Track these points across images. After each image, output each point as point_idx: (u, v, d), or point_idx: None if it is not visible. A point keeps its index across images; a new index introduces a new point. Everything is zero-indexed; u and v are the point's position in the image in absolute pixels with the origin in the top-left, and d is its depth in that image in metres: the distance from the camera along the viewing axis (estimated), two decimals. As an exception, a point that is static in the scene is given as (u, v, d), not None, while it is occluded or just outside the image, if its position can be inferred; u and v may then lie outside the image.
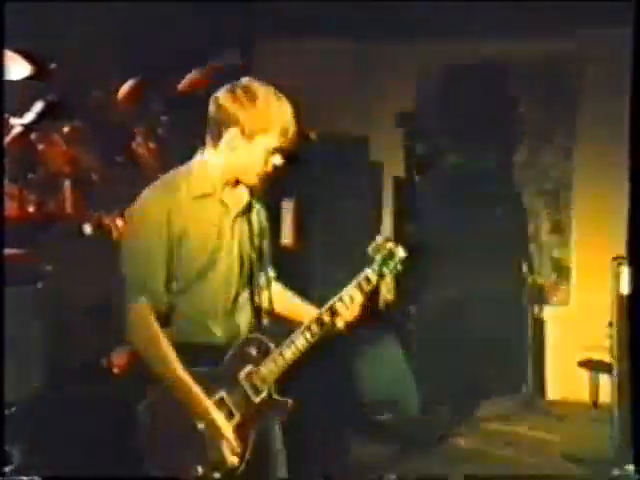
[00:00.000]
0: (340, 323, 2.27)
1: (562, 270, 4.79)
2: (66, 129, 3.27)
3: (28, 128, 3.12)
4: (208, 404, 2.17)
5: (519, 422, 4.27)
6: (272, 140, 2.21)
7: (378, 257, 2.30)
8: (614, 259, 3.93)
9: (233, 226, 2.31)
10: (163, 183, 2.30)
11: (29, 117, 3.11)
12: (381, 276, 2.29)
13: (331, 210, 4.66)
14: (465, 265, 4.47)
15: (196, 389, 2.17)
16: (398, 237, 4.79)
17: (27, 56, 3.10)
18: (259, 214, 2.39)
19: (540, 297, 4.77)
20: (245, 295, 2.34)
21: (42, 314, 2.97)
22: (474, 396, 4.40)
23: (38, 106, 3.09)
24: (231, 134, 2.21)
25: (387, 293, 2.32)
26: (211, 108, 2.24)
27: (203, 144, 2.36)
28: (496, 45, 4.57)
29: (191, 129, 3.37)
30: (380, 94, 4.83)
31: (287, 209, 4.83)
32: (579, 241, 4.72)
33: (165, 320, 2.23)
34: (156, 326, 2.18)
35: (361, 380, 4.10)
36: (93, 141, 3.38)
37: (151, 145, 3.43)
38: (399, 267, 2.32)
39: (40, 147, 3.18)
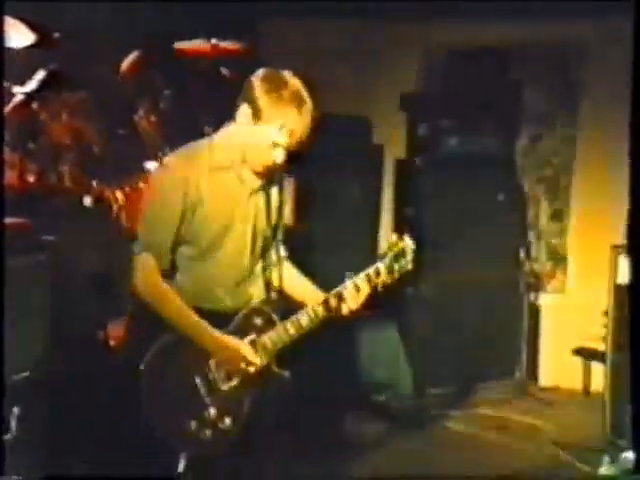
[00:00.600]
0: (345, 309, 2.34)
1: (559, 258, 4.80)
2: (69, 100, 3.26)
3: (30, 97, 3.11)
4: (217, 333, 2.25)
5: (511, 407, 4.29)
6: (275, 134, 2.25)
7: (391, 254, 2.38)
8: (613, 248, 3.94)
9: (249, 201, 2.37)
10: (186, 151, 2.37)
11: (31, 85, 3.09)
12: (391, 272, 2.34)
13: (331, 191, 4.66)
14: (463, 250, 4.47)
15: (203, 324, 2.25)
16: (398, 219, 4.84)
17: (30, 24, 3.08)
18: (277, 193, 2.44)
19: (537, 284, 4.78)
20: (257, 269, 2.40)
21: (43, 285, 2.97)
22: (468, 380, 4.42)
23: (40, 75, 3.08)
24: (243, 111, 2.27)
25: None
26: (247, 81, 2.30)
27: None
28: (499, 30, 4.55)
29: (193, 103, 3.37)
30: (382, 76, 4.80)
31: (287, 189, 4.83)
32: (578, 229, 4.73)
33: (168, 276, 2.31)
34: (159, 276, 2.28)
35: (358, 362, 4.12)
36: (95, 113, 3.37)
37: (153, 118, 3.42)
38: (410, 266, 2.39)
39: (42, 117, 3.17)
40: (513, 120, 4.79)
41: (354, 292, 2.33)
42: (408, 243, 2.41)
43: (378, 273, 2.37)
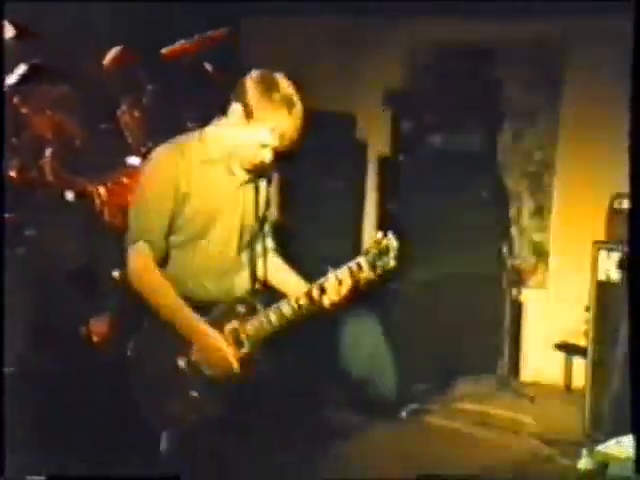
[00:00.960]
0: (326, 301, 2.40)
1: (541, 253, 4.83)
2: (51, 94, 3.25)
3: (11, 91, 3.09)
4: (202, 325, 2.32)
5: (492, 402, 4.32)
6: (265, 134, 2.33)
7: (374, 250, 2.44)
8: (594, 244, 3.98)
9: (238, 193, 2.45)
10: (177, 143, 2.44)
11: (12, 79, 3.08)
12: (373, 268, 2.38)
13: (315, 187, 4.67)
14: (446, 246, 4.50)
15: (189, 313, 2.32)
16: (381, 216, 4.85)
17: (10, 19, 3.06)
18: (265, 187, 2.52)
19: (519, 280, 4.81)
20: (243, 259, 2.44)
21: (24, 280, 2.96)
22: (450, 375, 4.45)
23: (21, 69, 3.06)
24: (235, 109, 2.35)
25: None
26: (240, 80, 2.37)
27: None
28: (482, 28, 4.57)
29: (177, 99, 3.36)
30: (366, 72, 4.81)
31: (272, 183, 4.84)
32: (560, 225, 4.76)
33: (161, 264, 2.38)
34: (154, 263, 2.35)
35: (340, 356, 4.13)
36: (78, 107, 3.36)
37: (136, 114, 3.41)
38: (392, 263, 2.45)
39: (24, 111, 3.16)
40: (496, 117, 4.81)
41: (336, 284, 2.38)
42: (392, 241, 2.45)
43: (360, 268, 2.42)
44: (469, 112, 4.75)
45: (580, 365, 4.23)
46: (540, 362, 4.70)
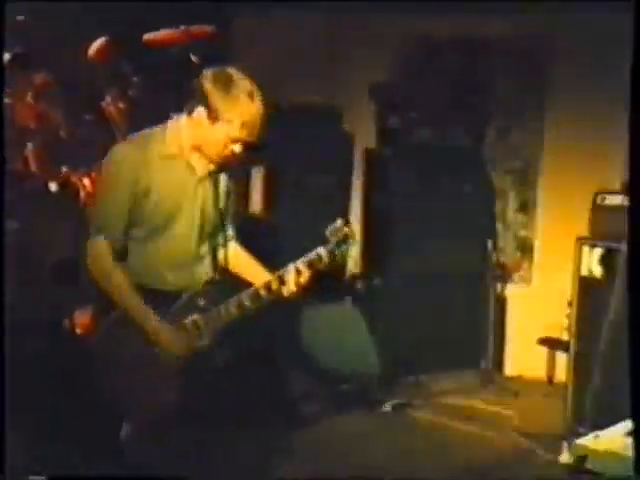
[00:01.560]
0: (286, 291, 2.45)
1: (526, 249, 4.85)
2: (34, 84, 3.23)
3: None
4: (157, 323, 2.38)
5: (476, 396, 4.34)
6: (234, 130, 2.38)
7: (333, 239, 2.46)
8: (577, 240, 4.00)
9: (197, 187, 2.50)
10: (137, 139, 2.51)
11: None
12: (333, 257, 2.41)
13: (301, 179, 4.66)
14: (432, 239, 4.51)
15: (145, 311, 2.38)
16: (368, 209, 4.86)
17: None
18: (225, 180, 2.57)
19: (504, 275, 4.83)
20: (204, 251, 2.47)
21: (8, 271, 2.95)
22: (434, 369, 4.47)
23: (5, 58, 3.04)
24: (199, 112, 2.40)
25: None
26: (196, 81, 2.42)
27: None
28: (469, 23, 4.58)
29: (162, 91, 3.35)
30: (353, 66, 4.81)
31: (257, 177, 4.82)
32: (544, 221, 4.78)
33: (121, 258, 2.44)
34: (112, 260, 2.41)
35: (324, 350, 4.14)
36: (62, 97, 3.34)
37: (121, 105, 3.40)
38: (351, 251, 2.51)
39: (7, 101, 3.14)
40: (482, 112, 4.83)
41: (295, 275, 2.42)
42: (352, 229, 2.49)
43: (320, 258, 2.45)
44: (455, 107, 4.76)
45: (563, 360, 4.26)
46: (524, 357, 4.72)
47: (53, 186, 3.15)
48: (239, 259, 2.60)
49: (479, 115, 4.81)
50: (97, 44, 3.41)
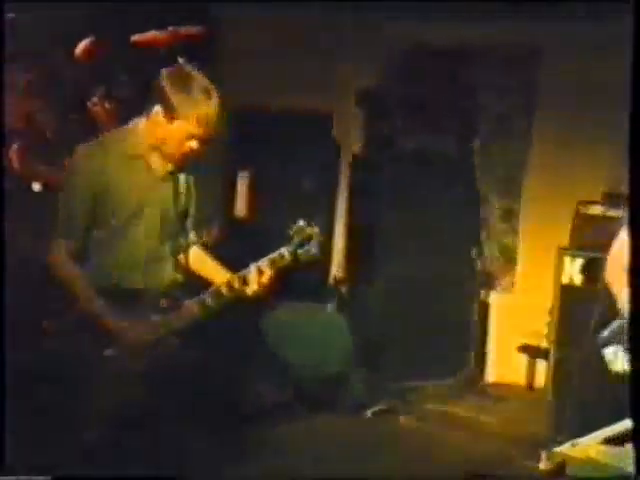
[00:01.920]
0: (248, 291, 2.48)
1: (510, 257, 4.88)
2: (21, 82, 3.22)
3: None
4: (118, 323, 2.40)
5: (457, 403, 4.36)
6: (191, 127, 2.41)
7: (297, 239, 2.50)
8: (559, 249, 4.04)
9: (157, 187, 2.53)
10: (98, 141, 2.57)
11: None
12: (296, 256, 2.44)
13: (288, 184, 4.67)
14: (417, 246, 4.53)
15: (106, 311, 2.41)
16: (353, 214, 4.87)
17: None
18: (187, 180, 2.60)
19: (487, 282, 4.85)
20: (166, 252, 2.54)
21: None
22: (416, 375, 4.48)
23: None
24: (156, 111, 2.43)
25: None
26: (155, 81, 2.46)
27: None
28: (457, 31, 4.60)
29: (149, 92, 3.33)
30: (342, 72, 4.83)
31: (243, 180, 4.83)
32: (527, 229, 4.81)
33: (81, 259, 2.47)
34: (71, 262, 2.45)
35: (306, 355, 4.14)
36: (48, 96, 3.33)
37: (107, 105, 3.40)
38: (314, 251, 2.51)
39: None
40: (469, 120, 4.85)
41: (256, 275, 2.45)
42: (315, 230, 2.50)
43: (282, 257, 2.47)
44: (443, 115, 4.78)
45: (543, 367, 4.30)
46: (505, 364, 4.75)
47: (36, 186, 3.14)
48: (200, 259, 2.63)
49: (465, 123, 4.84)
50: (84, 44, 3.41)
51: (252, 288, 2.46)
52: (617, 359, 2.72)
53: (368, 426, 4.00)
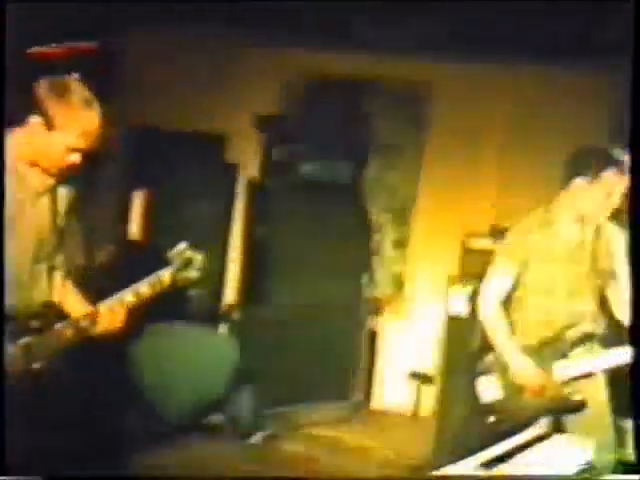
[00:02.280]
0: (97, 329, 2.41)
1: (400, 285, 4.99)
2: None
3: None
4: None
5: (344, 428, 4.40)
6: (71, 139, 2.34)
7: (176, 262, 2.45)
8: (448, 278, 4.17)
9: (35, 203, 2.43)
10: None
11: None
12: (174, 280, 2.42)
13: (183, 206, 4.62)
14: (310, 273, 4.57)
15: None
16: (248, 239, 4.86)
17: None
18: (66, 198, 2.50)
19: (377, 309, 4.94)
20: (41, 271, 2.45)
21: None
22: (303, 400, 4.49)
23: None
24: (34, 121, 2.33)
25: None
26: (33, 90, 2.34)
27: None
28: (354, 62, 4.71)
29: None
30: (240, 96, 4.84)
31: (137, 201, 4.74)
32: (417, 258, 4.93)
33: None
34: None
35: (193, 379, 4.09)
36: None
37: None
38: (193, 274, 2.47)
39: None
40: (363, 149, 4.96)
41: (133, 298, 2.41)
42: (196, 254, 2.49)
43: (159, 280, 2.44)
44: (338, 143, 4.87)
45: (429, 394, 4.40)
46: (392, 390, 4.83)
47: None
48: (63, 289, 2.52)
49: (359, 152, 4.94)
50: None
51: (102, 326, 2.40)
52: (487, 390, 2.82)
53: (254, 451, 3.97)
